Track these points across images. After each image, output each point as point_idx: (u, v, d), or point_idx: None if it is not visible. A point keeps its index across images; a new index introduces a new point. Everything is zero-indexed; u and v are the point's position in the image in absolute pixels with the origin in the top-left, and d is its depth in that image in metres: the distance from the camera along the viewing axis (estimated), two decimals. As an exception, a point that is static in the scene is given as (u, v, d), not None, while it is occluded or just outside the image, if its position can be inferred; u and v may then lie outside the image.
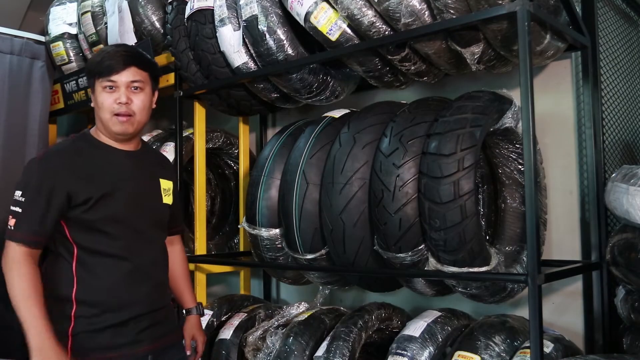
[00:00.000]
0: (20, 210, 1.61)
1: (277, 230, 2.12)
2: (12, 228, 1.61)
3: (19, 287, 1.57)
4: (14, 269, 1.58)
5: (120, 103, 1.68)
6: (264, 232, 2.13)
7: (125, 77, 1.69)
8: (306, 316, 2.14)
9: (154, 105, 1.80)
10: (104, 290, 1.67)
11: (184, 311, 2.01)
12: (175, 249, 2.00)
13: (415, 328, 1.90)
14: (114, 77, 1.69)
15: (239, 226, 2.69)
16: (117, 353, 1.66)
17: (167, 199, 1.87)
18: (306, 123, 2.28)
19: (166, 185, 1.88)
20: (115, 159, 1.75)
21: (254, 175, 2.20)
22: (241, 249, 2.93)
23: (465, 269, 1.69)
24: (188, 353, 1.94)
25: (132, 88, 1.71)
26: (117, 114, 1.69)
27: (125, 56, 1.71)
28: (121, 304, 1.68)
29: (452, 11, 1.71)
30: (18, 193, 1.63)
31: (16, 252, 1.59)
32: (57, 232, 1.66)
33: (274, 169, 2.14)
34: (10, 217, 1.62)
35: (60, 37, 3.12)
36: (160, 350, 1.76)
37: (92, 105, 1.75)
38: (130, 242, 1.72)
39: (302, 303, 2.29)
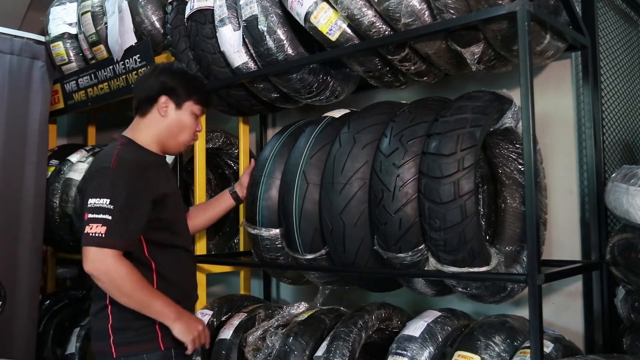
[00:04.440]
0: (110, 217, 1.67)
1: (277, 230, 2.12)
2: (104, 235, 1.66)
3: (133, 283, 1.70)
4: (119, 271, 1.68)
5: (197, 132, 2.02)
6: (264, 232, 2.13)
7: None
8: (306, 316, 2.13)
9: None
10: (180, 278, 1.93)
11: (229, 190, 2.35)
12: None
13: (415, 328, 1.90)
14: (204, 111, 2.03)
15: (239, 226, 2.69)
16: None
17: None
18: (306, 123, 2.27)
19: None
20: (164, 163, 2.04)
21: (254, 175, 2.20)
22: (241, 249, 2.92)
23: (465, 269, 1.69)
24: None
25: None
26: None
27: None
28: (191, 291, 2.04)
29: (452, 11, 1.71)
30: (104, 201, 1.68)
31: (113, 258, 1.67)
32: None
33: (274, 169, 2.14)
34: (97, 224, 1.66)
35: (60, 37, 3.11)
36: None
37: (162, 115, 1.91)
38: (187, 234, 2.10)
39: (302, 303, 2.28)
